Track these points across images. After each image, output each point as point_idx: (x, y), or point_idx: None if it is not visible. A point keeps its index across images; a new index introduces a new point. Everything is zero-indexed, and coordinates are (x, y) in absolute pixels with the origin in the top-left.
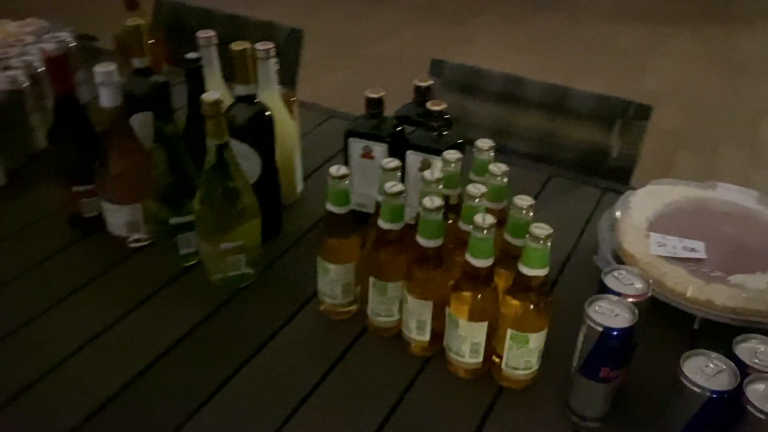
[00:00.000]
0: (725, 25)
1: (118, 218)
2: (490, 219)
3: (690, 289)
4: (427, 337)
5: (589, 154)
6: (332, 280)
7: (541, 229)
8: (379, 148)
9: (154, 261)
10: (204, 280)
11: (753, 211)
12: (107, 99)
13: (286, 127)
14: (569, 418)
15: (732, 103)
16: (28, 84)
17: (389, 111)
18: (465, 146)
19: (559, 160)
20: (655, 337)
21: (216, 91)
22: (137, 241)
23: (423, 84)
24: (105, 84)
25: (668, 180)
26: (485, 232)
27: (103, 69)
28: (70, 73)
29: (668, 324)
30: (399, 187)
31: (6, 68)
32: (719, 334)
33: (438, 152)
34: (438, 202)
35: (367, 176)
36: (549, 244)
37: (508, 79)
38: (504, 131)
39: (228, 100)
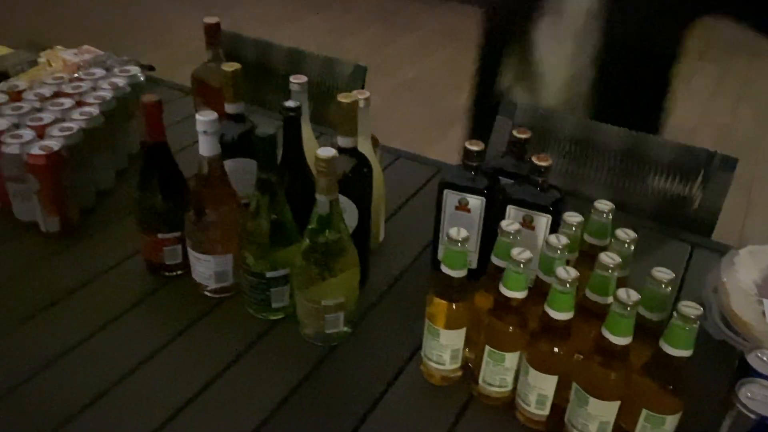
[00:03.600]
0: (752, 59)
1: (206, 268)
2: (635, 295)
3: None
4: (546, 412)
5: (667, 204)
6: (441, 345)
7: (691, 309)
8: (475, 202)
9: (241, 313)
10: (295, 335)
11: None
12: (207, 148)
13: (376, 174)
14: None
15: (764, 138)
16: (103, 121)
17: (430, 128)
18: (566, 201)
19: (635, 209)
20: None
21: (308, 138)
22: (221, 291)
23: (522, 136)
24: (208, 133)
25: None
26: (629, 309)
27: (206, 118)
28: (161, 119)
29: None
30: (527, 254)
31: (80, 104)
32: None
33: (541, 209)
34: (574, 273)
35: None
36: (698, 324)
37: (581, 124)
38: (576, 176)
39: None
